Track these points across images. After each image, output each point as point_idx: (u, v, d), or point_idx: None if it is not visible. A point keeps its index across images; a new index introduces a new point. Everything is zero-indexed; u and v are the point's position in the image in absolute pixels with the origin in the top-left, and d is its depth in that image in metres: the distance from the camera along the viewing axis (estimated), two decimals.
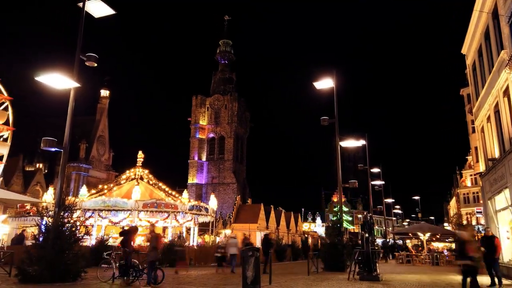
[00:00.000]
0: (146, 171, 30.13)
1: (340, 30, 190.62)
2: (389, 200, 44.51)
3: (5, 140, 31.73)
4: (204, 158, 75.22)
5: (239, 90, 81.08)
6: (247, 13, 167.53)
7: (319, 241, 28.61)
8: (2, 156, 32.41)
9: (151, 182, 30.23)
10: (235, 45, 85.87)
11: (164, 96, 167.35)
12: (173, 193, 30.46)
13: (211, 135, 76.33)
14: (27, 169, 56.61)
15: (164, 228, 30.84)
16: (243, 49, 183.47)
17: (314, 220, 71.77)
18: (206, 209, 29.88)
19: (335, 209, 77.20)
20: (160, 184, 30.36)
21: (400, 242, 41.97)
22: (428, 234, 29.65)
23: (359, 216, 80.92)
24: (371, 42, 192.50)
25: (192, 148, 75.42)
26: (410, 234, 32.80)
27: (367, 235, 14.52)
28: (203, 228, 33.46)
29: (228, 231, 40.03)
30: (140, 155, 30.00)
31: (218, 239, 30.73)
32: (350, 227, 75.85)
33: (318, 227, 67.70)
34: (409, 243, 43.73)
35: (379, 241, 49.10)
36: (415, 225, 42.15)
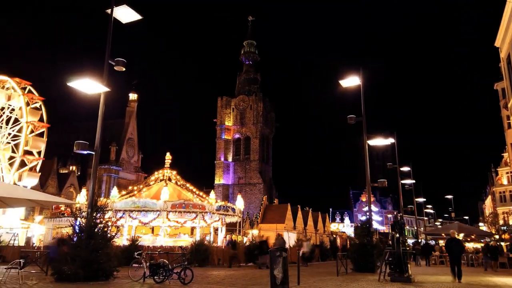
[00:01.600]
0: (174, 172, 30.63)
1: (366, 26, 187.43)
2: (420, 200, 43.27)
3: (41, 136, 34.09)
4: (230, 159, 75.70)
5: (264, 90, 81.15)
6: (271, 12, 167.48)
7: (348, 242, 28.13)
8: (40, 151, 34.26)
9: (179, 183, 30.70)
10: (259, 45, 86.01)
11: (190, 97, 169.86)
12: (201, 193, 30.83)
13: (237, 135, 76.72)
14: (61, 172, 58.70)
15: (192, 228, 31.25)
16: (267, 49, 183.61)
17: (342, 220, 70.89)
18: (233, 210, 30.05)
19: (364, 209, 76.00)
20: (188, 185, 30.79)
21: (432, 242, 40.73)
22: (462, 235, 28.63)
23: (389, 216, 79.20)
24: (400, 37, 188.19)
25: (218, 149, 76.07)
26: (443, 235, 31.77)
27: (397, 235, 14.16)
28: (231, 228, 33.66)
29: (255, 231, 40.09)
30: (168, 156, 30.53)
31: (245, 239, 30.82)
32: (380, 228, 74.41)
33: (346, 227, 66.81)
34: (442, 244, 42.36)
35: (410, 241, 47.85)
36: (448, 225, 40.78)
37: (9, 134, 34.45)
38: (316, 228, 52.44)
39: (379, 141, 19.83)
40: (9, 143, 34.42)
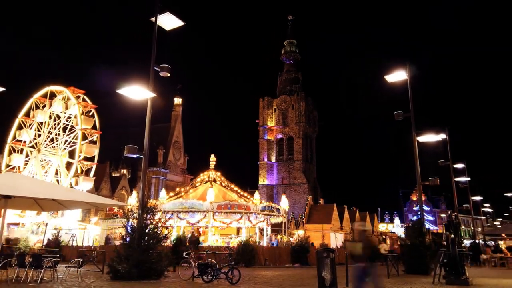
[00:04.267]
0: (219, 174, 31.13)
1: (414, 16, 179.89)
2: (477, 198, 40.76)
3: (95, 142, 36.08)
4: (273, 159, 75.73)
5: (306, 89, 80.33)
6: (311, 10, 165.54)
7: (399, 242, 27.08)
8: (94, 157, 36.35)
9: (223, 184, 31.16)
10: (300, 44, 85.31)
11: (232, 99, 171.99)
12: (245, 194, 31.09)
13: (279, 136, 76.61)
14: (113, 175, 61.75)
15: (238, 229, 31.58)
16: (309, 47, 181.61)
17: (392, 221, 68.45)
18: (278, 210, 30.00)
19: (415, 208, 72.94)
20: (232, 185, 31.18)
21: (492, 243, 38.23)
22: None
23: (443, 215, 75.40)
24: (451, 25, 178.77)
25: (261, 149, 76.38)
26: (503, 235, 29.71)
27: (452, 235, 13.43)
28: (276, 229, 33.64)
29: (301, 232, 39.77)
30: (212, 158, 31.10)
31: (291, 240, 30.64)
32: (433, 228, 71.07)
33: (396, 228, 64.43)
34: (502, 244, 39.64)
35: (466, 242, 45.26)
36: (509, 225, 38.07)
37: (66, 141, 36.77)
38: None
39: (429, 137, 18.93)
40: (66, 149, 36.74)
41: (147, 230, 12.63)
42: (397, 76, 17.57)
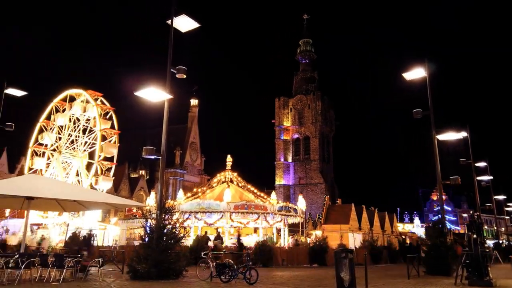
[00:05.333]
0: (235, 174, 31.23)
1: (432, 11, 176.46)
2: (500, 197, 39.67)
3: (114, 142, 36.69)
4: (290, 159, 75.51)
5: (322, 88, 79.87)
6: (327, 7, 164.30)
7: (419, 243, 26.60)
8: (113, 156, 37.04)
9: (240, 185, 31.25)
10: (315, 42, 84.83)
11: (247, 99, 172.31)
12: (262, 194, 31.10)
13: (296, 135, 76.34)
14: (132, 176, 62.73)
15: (255, 229, 31.59)
16: (324, 45, 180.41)
17: (411, 221, 67.30)
18: (295, 210, 29.89)
19: (436, 208, 71.50)
20: (249, 186, 31.23)
21: None
22: None
23: (464, 215, 73.72)
24: (470, 20, 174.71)
25: (277, 149, 76.26)
26: None
27: (475, 236, 13.11)
28: (293, 229, 33.51)
29: (318, 232, 39.52)
30: (229, 159, 31.23)
31: (309, 240, 30.48)
32: (455, 228, 69.59)
33: (416, 228, 63.32)
34: None
35: (490, 242, 44.13)
36: None
37: (85, 142, 37.56)
38: (383, 228, 50.35)
39: (449, 136, 18.53)
40: (86, 150, 37.53)
41: (165, 231, 12.76)
42: (416, 73, 17.28)
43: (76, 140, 38.05)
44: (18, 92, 19.88)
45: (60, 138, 38.30)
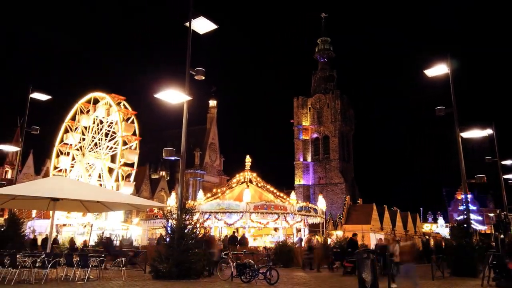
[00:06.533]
0: (254, 174, 31.23)
1: (452, 7, 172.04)
2: None
3: (135, 148, 37.38)
4: (309, 159, 75.03)
5: (341, 87, 78.98)
6: (345, 5, 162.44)
7: (443, 243, 25.94)
8: (133, 163, 37.64)
9: (259, 185, 31.22)
10: (334, 41, 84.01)
11: (265, 99, 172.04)
12: (281, 194, 30.99)
13: (315, 135, 75.79)
14: (152, 177, 63.65)
15: (275, 229, 31.52)
16: (343, 44, 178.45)
17: (435, 221, 65.78)
18: (315, 210, 29.66)
19: (460, 207, 69.69)
20: (268, 186, 31.17)
21: None
22: None
23: (491, 215, 71.51)
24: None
25: (296, 149, 75.89)
26: None
27: (502, 236, 12.73)
28: (313, 229, 33.27)
29: (339, 232, 39.12)
30: (248, 159, 31.27)
31: (329, 241, 30.21)
32: (480, 228, 67.64)
33: (440, 228, 61.85)
34: None
35: None
36: None
37: (107, 146, 38.36)
38: (405, 229, 49.44)
39: (474, 133, 17.99)
40: (108, 154, 38.32)
41: (186, 231, 12.88)
42: (438, 70, 16.87)
43: (99, 142, 38.92)
44: (43, 97, 20.43)
45: (83, 139, 39.31)
